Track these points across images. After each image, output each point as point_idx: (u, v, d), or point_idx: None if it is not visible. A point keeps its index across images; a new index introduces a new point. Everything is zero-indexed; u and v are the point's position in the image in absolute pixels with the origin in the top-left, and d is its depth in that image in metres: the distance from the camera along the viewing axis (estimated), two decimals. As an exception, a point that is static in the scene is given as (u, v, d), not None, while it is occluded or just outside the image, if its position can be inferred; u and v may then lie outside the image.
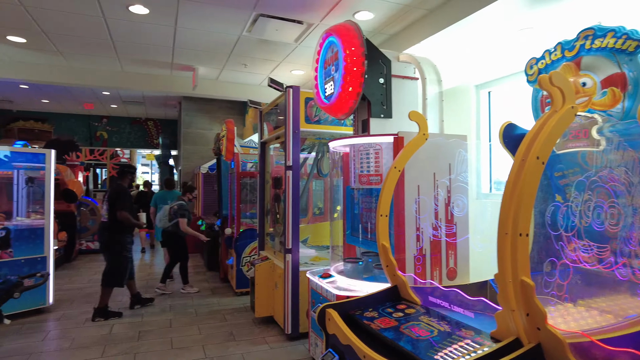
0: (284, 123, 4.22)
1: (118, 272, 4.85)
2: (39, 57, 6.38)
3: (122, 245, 4.88)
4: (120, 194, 4.88)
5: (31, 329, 4.48)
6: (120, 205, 4.78)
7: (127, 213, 4.82)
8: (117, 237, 4.84)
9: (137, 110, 13.74)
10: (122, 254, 4.87)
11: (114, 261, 4.85)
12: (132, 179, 5.32)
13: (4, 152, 4.95)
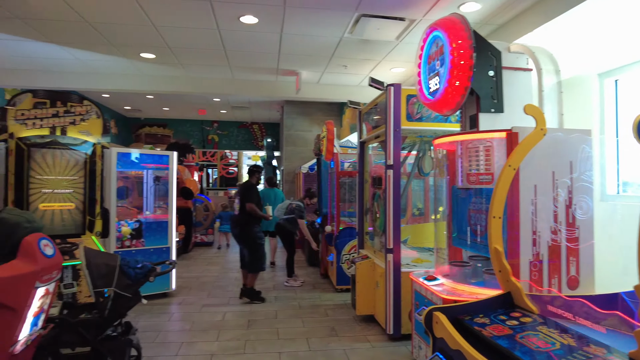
0: (384, 122, 4.20)
1: (258, 258, 5.41)
2: (164, 70, 7.19)
3: (255, 234, 5.42)
4: (248, 189, 5.51)
5: (159, 310, 5.07)
6: (247, 198, 5.39)
7: (254, 205, 5.39)
8: (249, 228, 5.40)
9: (244, 115, 14.73)
10: (257, 242, 5.41)
11: (253, 250, 5.39)
12: (259, 177, 5.84)
13: (135, 155, 5.66)
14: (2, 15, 4.89)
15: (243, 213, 5.45)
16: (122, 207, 7.26)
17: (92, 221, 4.81)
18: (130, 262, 3.06)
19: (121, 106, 13.79)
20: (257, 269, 5.48)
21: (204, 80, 7.71)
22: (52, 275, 2.27)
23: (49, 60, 6.74)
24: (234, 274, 7.15)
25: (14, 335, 2.09)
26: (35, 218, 2.34)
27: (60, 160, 4.64)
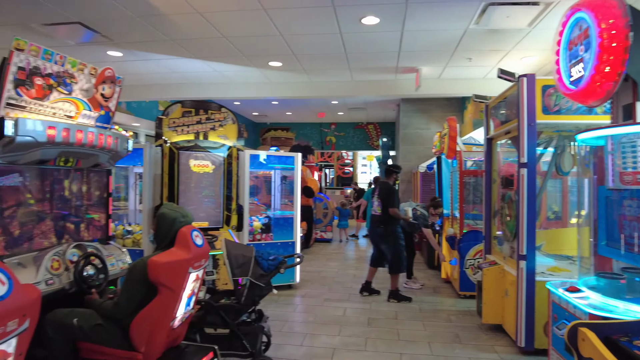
0: (516, 115, 3.87)
1: (399, 259, 5.46)
2: (289, 76, 7.67)
3: (396, 235, 5.49)
4: (390, 192, 5.52)
5: (285, 301, 5.42)
6: (391, 202, 5.43)
7: (396, 209, 5.47)
8: (390, 229, 5.47)
9: (360, 115, 14.93)
10: (398, 242, 5.47)
11: (394, 251, 5.45)
12: (397, 177, 5.89)
13: (264, 156, 6.11)
14: (159, 39, 5.72)
15: (385, 213, 5.48)
16: (253, 204, 7.94)
17: (228, 216, 5.35)
18: (264, 254, 3.33)
19: (250, 112, 15.06)
20: (399, 269, 5.48)
21: (325, 84, 8.03)
22: (201, 262, 2.58)
23: (193, 74, 7.68)
24: (352, 270, 7.29)
25: (173, 312, 2.44)
26: (188, 212, 2.68)
27: (202, 161, 5.26)
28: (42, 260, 2.61)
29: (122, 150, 3.23)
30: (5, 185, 2.54)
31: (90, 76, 3.02)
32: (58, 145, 2.64)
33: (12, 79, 2.49)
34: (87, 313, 2.49)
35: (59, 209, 2.94)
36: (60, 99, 2.82)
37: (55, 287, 2.60)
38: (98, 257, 2.89)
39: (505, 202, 4.56)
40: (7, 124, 2.33)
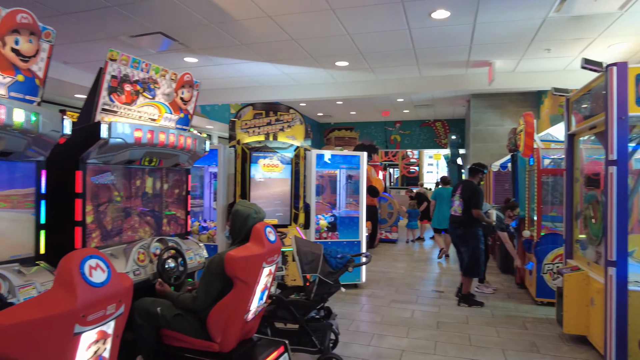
0: (604, 108, 3.55)
1: (477, 264, 5.22)
2: (355, 75, 7.67)
3: (477, 238, 5.22)
4: (474, 192, 5.23)
5: (351, 299, 5.43)
6: (475, 203, 5.15)
7: (481, 211, 5.18)
8: (472, 231, 5.22)
9: (427, 113, 14.54)
10: (477, 245, 5.22)
11: (472, 253, 5.21)
12: (482, 177, 5.66)
13: (330, 156, 6.14)
14: (231, 44, 5.99)
15: (467, 214, 5.21)
16: (318, 203, 8.04)
17: (296, 214, 5.46)
18: (332, 252, 3.36)
19: (315, 113, 15.26)
20: (474, 273, 5.24)
21: (391, 81, 7.93)
22: (274, 258, 2.66)
23: (263, 77, 7.94)
24: (419, 272, 7.13)
25: (247, 305, 2.54)
26: (260, 209, 2.78)
27: (271, 161, 5.42)
28: (130, 253, 2.84)
29: (200, 151, 3.42)
30: (100, 183, 2.79)
31: (171, 81, 3.23)
32: (144, 146, 2.86)
33: (106, 87, 2.73)
34: (168, 303, 2.66)
35: (144, 206, 3.18)
36: (145, 104, 3.05)
37: (141, 277, 2.81)
38: (178, 250, 3.09)
39: (589, 203, 4.21)
40: (102, 127, 2.56)
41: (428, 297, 5.61)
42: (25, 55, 2.23)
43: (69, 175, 2.62)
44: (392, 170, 21.92)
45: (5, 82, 2.17)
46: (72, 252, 1.59)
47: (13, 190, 2.27)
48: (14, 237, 2.27)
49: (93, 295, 1.55)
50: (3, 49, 2.13)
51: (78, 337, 1.52)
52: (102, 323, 1.60)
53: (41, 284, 2.20)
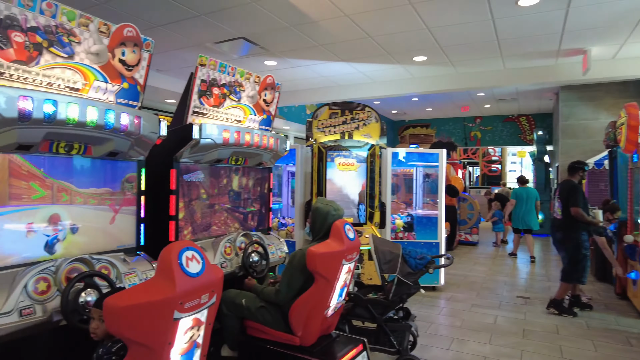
0: None
1: (576, 269, 4.80)
2: (433, 70, 7.41)
3: (579, 242, 4.75)
4: (571, 190, 4.83)
5: (429, 302, 5.28)
6: (573, 201, 4.71)
7: (580, 209, 4.72)
8: (572, 235, 4.80)
9: (510, 107, 13.67)
10: (580, 250, 4.78)
11: (571, 258, 4.82)
12: (583, 175, 5.27)
13: (406, 154, 6.00)
14: (309, 45, 6.09)
15: (567, 216, 4.79)
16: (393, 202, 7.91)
17: (371, 213, 5.43)
18: (411, 252, 3.30)
19: (388, 111, 15.04)
20: (572, 279, 4.80)
21: (472, 75, 7.54)
22: (353, 255, 2.67)
23: (338, 77, 8.00)
24: (502, 277, 6.73)
25: (327, 301, 2.57)
26: (339, 207, 2.81)
27: (346, 159, 5.44)
28: (217, 246, 3.02)
29: (281, 150, 3.54)
30: (191, 180, 3.00)
31: (255, 84, 3.38)
32: (231, 146, 3.02)
33: (196, 90, 2.93)
34: (252, 295, 2.79)
35: (230, 202, 3.36)
36: (231, 106, 3.22)
37: (228, 270, 2.98)
38: (261, 245, 3.22)
39: None
40: (194, 128, 2.75)
41: (512, 303, 5.28)
42: (130, 65, 2.44)
43: (164, 173, 2.85)
44: (472, 169, 20.94)
45: (114, 89, 2.40)
46: (172, 244, 1.69)
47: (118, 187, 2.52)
48: (120, 230, 2.52)
49: (189, 285, 1.64)
50: (112, 60, 2.36)
51: (177, 323, 1.62)
52: (197, 311, 1.70)
53: (142, 272, 2.42)
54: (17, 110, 1.83)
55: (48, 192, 2.16)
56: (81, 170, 2.31)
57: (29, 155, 2.06)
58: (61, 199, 2.21)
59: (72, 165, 2.27)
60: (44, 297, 1.96)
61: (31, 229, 2.08)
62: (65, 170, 2.24)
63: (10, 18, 1.89)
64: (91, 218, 2.37)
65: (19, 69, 1.97)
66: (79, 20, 2.17)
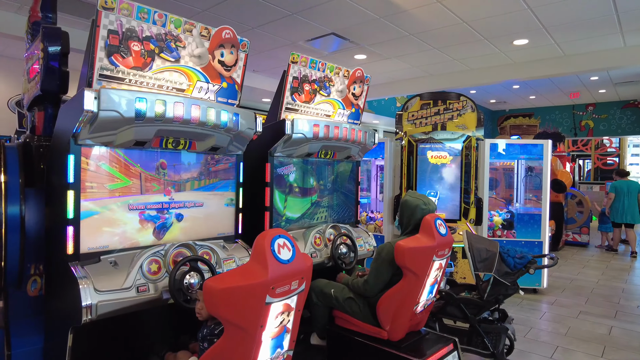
0: None
1: None
2: (536, 53, 6.76)
3: None
4: None
5: (529, 305, 4.89)
6: None
7: None
8: None
9: (630, 92, 12.01)
10: None
11: None
12: None
13: (506, 145, 5.58)
14: (400, 36, 5.95)
15: None
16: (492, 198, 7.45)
17: (466, 209, 5.18)
18: (510, 251, 3.08)
19: (487, 100, 14.14)
20: None
21: (584, 56, 6.72)
22: (444, 252, 2.58)
23: (431, 66, 7.71)
24: (618, 283, 5.99)
25: (416, 296, 2.52)
26: (430, 200, 2.72)
27: (439, 152, 5.24)
28: (308, 236, 3.12)
29: (370, 144, 3.53)
30: (283, 173, 3.13)
31: (344, 78, 3.40)
32: (321, 140, 3.08)
33: (289, 87, 3.04)
34: (341, 287, 2.83)
35: (319, 194, 3.44)
36: (321, 101, 3.28)
37: (318, 260, 3.06)
38: (349, 237, 3.25)
39: None
40: (286, 124, 2.86)
41: (632, 314, 4.67)
42: (228, 65, 2.58)
43: (260, 166, 3.01)
44: (583, 162, 18.82)
45: (214, 89, 2.56)
46: (265, 231, 1.79)
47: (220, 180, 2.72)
48: (220, 219, 2.73)
49: (281, 271, 1.71)
50: (212, 61, 2.51)
51: (269, 307, 1.70)
52: (287, 297, 1.77)
53: (239, 258, 2.59)
54: (134, 110, 2.05)
55: (159, 186, 2.41)
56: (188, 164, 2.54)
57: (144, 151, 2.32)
58: (170, 192, 2.46)
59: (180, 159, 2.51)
60: (155, 277, 2.19)
61: (143, 217, 2.34)
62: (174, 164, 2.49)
63: (130, 30, 2.14)
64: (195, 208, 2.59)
65: (136, 75, 2.20)
66: (184, 27, 2.34)
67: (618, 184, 8.37)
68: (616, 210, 8.26)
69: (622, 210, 8.17)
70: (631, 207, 8.16)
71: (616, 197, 8.22)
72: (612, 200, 8.26)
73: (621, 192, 8.20)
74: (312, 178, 3.37)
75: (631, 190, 8.21)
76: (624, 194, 8.19)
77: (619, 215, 8.21)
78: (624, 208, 8.17)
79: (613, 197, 8.27)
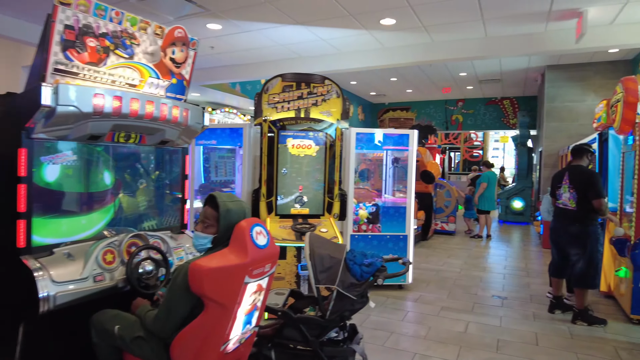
0: None
1: (594, 270, 4.19)
2: (405, 37, 6.55)
3: (596, 237, 4.17)
4: (592, 178, 4.12)
5: (393, 304, 4.62)
6: (596, 192, 4.02)
7: (604, 201, 4.06)
8: (590, 229, 4.16)
9: (493, 89, 13.04)
10: (596, 247, 4.18)
11: (590, 258, 4.15)
12: (591, 159, 4.65)
13: (373, 135, 5.21)
14: (256, 3, 5.22)
15: (583, 208, 4.10)
16: (365, 190, 7.22)
17: (330, 203, 4.71)
18: (357, 257, 2.58)
19: (367, 92, 14.28)
20: (591, 284, 4.15)
21: (450, 44, 6.69)
22: (264, 269, 1.95)
23: (299, 46, 7.13)
24: (478, 272, 6.13)
25: (224, 333, 1.85)
26: (240, 201, 2.06)
27: (302, 141, 4.69)
28: (91, 254, 2.25)
29: (195, 125, 2.76)
30: (56, 163, 2.22)
31: (156, 37, 2.57)
32: (109, 117, 2.23)
33: (58, 40, 2.12)
34: (132, 320, 2.05)
35: (123, 193, 2.59)
36: (119, 64, 2.41)
37: (105, 284, 2.22)
38: (159, 250, 2.47)
39: None
40: (44, 91, 1.95)
41: (488, 305, 4.67)
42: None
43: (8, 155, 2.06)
44: (454, 154, 20.36)
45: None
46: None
47: None
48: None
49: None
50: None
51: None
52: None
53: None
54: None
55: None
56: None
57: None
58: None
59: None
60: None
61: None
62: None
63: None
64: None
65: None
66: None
67: (490, 174, 8.88)
68: (486, 198, 8.78)
69: (489, 199, 8.79)
70: (493, 196, 8.91)
71: (488, 186, 8.74)
72: (484, 189, 8.75)
73: (491, 182, 8.77)
74: (110, 172, 2.50)
75: (494, 180, 8.93)
76: (493, 184, 8.81)
77: (488, 203, 8.79)
78: (490, 196, 8.81)
79: (485, 186, 8.72)
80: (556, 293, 4.46)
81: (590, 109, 9.30)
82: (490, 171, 9.02)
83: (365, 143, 5.17)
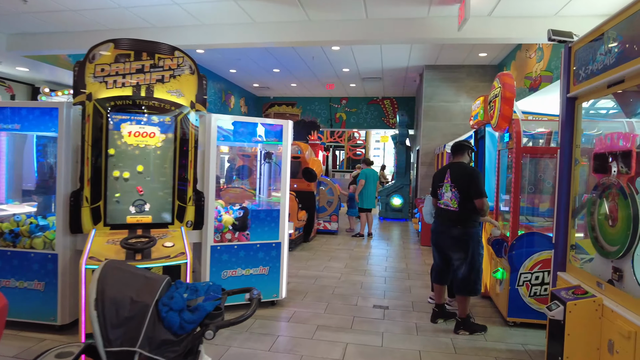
0: None
1: (477, 277, 3.82)
2: (280, 13, 5.80)
3: (477, 240, 3.82)
4: (473, 176, 3.73)
5: (261, 328, 3.82)
6: (478, 191, 3.67)
7: (486, 201, 3.69)
8: (471, 231, 3.78)
9: (375, 88, 13.14)
10: (477, 251, 3.81)
11: (471, 263, 3.77)
12: (472, 156, 4.27)
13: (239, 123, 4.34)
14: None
15: (465, 208, 3.76)
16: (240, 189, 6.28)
17: (182, 207, 3.73)
18: (175, 300, 1.68)
19: (250, 83, 13.36)
20: (473, 290, 3.83)
21: (329, 25, 6.09)
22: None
23: (153, 14, 5.93)
24: (359, 277, 5.67)
25: None
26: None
27: (143, 128, 3.63)
28: None
29: None
30: None
31: None
32: None
33: None
34: None
35: None
36: None
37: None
38: None
39: (603, 196, 2.85)
40: None
41: (368, 319, 4.14)
42: None
43: None
44: (339, 152, 20.48)
45: None
46: None
47: None
48: None
49: None
50: None
51: None
52: None
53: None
54: None
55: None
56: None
57: None
58: None
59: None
60: None
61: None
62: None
63: None
64: None
65: None
66: None
67: (368, 172, 8.72)
68: (366, 197, 8.65)
69: (369, 196, 8.58)
70: (373, 193, 8.78)
71: (365, 184, 8.55)
72: (363, 187, 8.54)
73: (370, 179, 8.60)
74: None
75: (374, 178, 8.74)
76: (372, 181, 8.66)
77: (367, 200, 8.65)
78: (370, 194, 8.66)
79: (364, 183, 8.53)
80: (438, 301, 4.12)
81: (462, 109, 9.69)
82: (370, 169, 8.90)
83: (234, 133, 4.29)
